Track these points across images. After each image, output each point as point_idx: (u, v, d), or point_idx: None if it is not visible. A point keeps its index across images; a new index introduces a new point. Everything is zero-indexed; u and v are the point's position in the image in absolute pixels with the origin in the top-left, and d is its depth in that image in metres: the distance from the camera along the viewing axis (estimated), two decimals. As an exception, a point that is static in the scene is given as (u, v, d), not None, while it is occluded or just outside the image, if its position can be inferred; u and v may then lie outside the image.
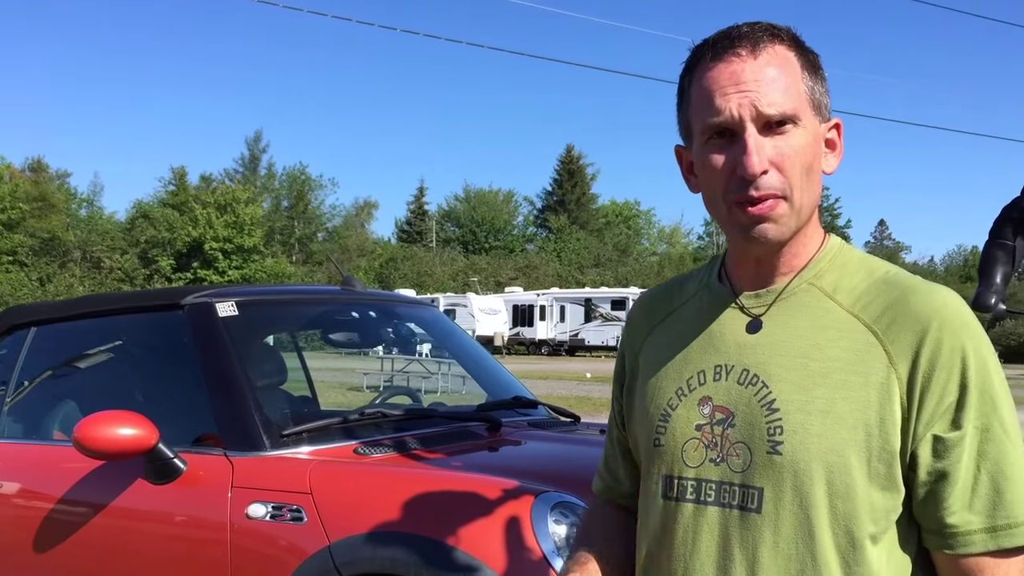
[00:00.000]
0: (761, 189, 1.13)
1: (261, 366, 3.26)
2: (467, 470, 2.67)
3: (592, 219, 73.80)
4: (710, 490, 1.18)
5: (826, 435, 1.11)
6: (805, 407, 1.13)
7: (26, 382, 3.55)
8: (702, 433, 1.20)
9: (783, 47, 1.17)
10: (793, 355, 1.17)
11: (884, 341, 1.13)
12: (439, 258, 63.10)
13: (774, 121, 1.14)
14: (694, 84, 1.19)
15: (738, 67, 1.15)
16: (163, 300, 3.36)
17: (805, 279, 1.21)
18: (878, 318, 1.15)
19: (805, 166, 1.16)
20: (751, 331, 1.21)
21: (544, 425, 3.45)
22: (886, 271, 1.21)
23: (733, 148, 1.15)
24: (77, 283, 51.34)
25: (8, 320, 3.69)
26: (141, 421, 2.71)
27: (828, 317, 1.18)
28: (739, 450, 1.16)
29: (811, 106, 1.18)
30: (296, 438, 2.81)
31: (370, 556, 2.36)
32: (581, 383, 21.54)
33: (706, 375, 1.22)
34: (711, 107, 1.15)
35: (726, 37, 1.18)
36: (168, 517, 2.80)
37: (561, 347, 42.70)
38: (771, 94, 1.14)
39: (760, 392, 1.16)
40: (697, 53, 1.20)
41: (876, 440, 1.11)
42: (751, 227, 1.16)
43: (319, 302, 3.84)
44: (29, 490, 3.20)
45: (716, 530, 1.17)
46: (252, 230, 56.28)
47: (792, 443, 1.12)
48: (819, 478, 1.11)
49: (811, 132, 1.17)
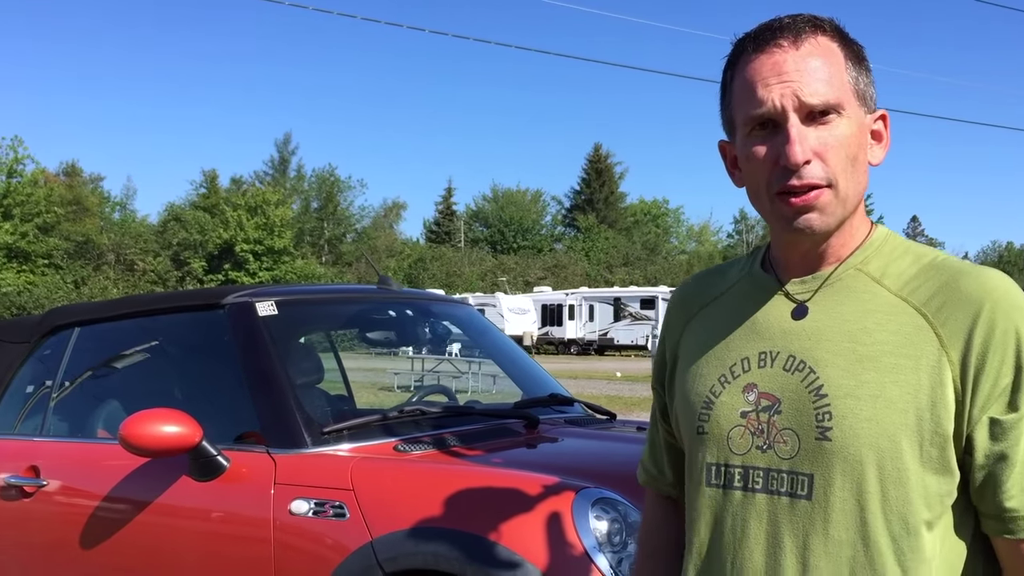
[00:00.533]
0: (804, 178, 1.13)
1: (300, 364, 3.29)
2: (507, 466, 2.69)
3: (620, 218, 73.61)
4: (758, 477, 1.18)
5: (876, 420, 1.10)
6: (854, 392, 1.12)
7: (70, 381, 3.61)
8: (747, 420, 1.19)
9: (826, 38, 1.17)
10: (840, 340, 1.16)
11: (935, 324, 1.12)
12: (467, 258, 63.23)
13: (817, 111, 1.13)
14: (736, 77, 1.19)
15: (780, 58, 1.14)
16: (204, 300, 3.40)
17: (851, 265, 1.20)
18: (928, 301, 1.14)
19: (850, 156, 1.15)
20: (797, 317, 1.20)
21: (581, 422, 3.46)
22: (934, 256, 1.20)
23: (776, 139, 1.14)
24: (111, 285, 52.03)
25: (52, 321, 3.75)
26: (185, 419, 2.74)
27: (876, 301, 1.17)
28: (787, 436, 1.16)
29: (855, 96, 1.17)
30: (337, 435, 2.83)
31: (412, 551, 2.37)
32: (611, 382, 21.49)
33: (750, 362, 1.21)
34: (753, 98, 1.15)
35: (768, 29, 1.17)
36: (212, 514, 2.83)
37: (590, 346, 42.62)
38: (814, 83, 1.13)
39: (808, 378, 1.15)
40: (739, 46, 1.20)
41: (928, 424, 1.10)
42: (795, 218, 1.15)
43: (356, 301, 3.87)
44: (74, 487, 3.25)
45: (765, 517, 1.17)
46: (282, 232, 56.75)
47: (842, 428, 1.11)
48: (870, 463, 1.10)
49: (856, 122, 1.16)
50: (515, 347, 4.14)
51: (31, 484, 3.26)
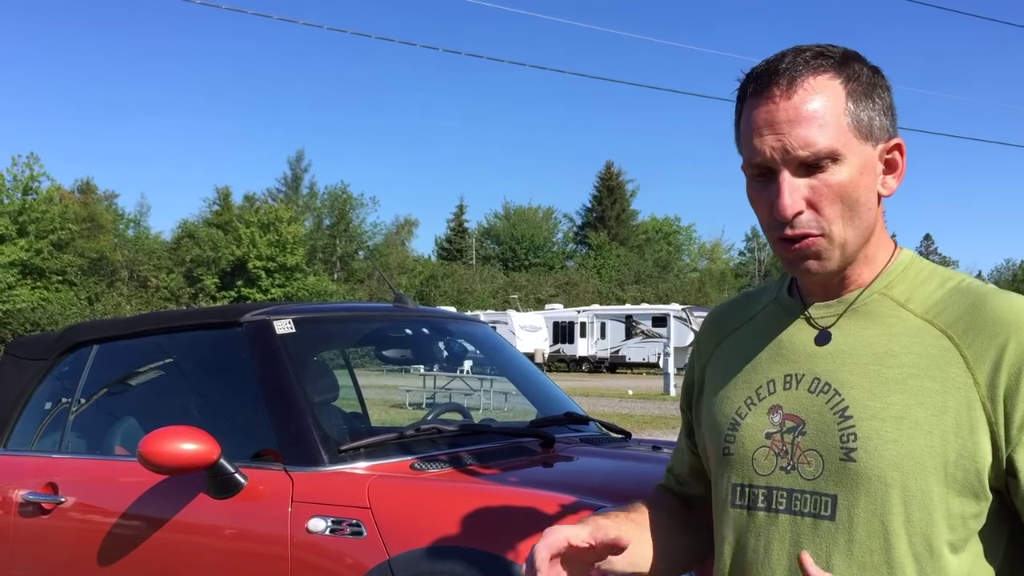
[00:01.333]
0: (796, 228, 1.15)
1: (317, 382, 3.30)
2: (524, 485, 2.68)
3: (632, 235, 73.65)
4: (781, 498, 1.19)
5: (901, 441, 1.11)
6: (879, 414, 1.13)
7: (88, 398, 3.63)
8: (772, 441, 1.20)
9: (825, 76, 1.15)
10: (865, 362, 1.16)
11: (960, 345, 1.13)
12: (479, 275, 63.33)
13: (809, 162, 1.14)
14: (742, 116, 1.21)
15: (772, 108, 1.15)
16: (222, 317, 3.42)
17: (876, 290, 1.21)
18: (953, 323, 1.14)
19: (847, 202, 1.15)
20: (820, 342, 1.21)
21: (596, 441, 3.45)
22: (960, 280, 1.20)
23: (771, 187, 1.17)
24: (124, 302, 52.26)
25: (71, 338, 3.78)
26: (203, 436, 2.76)
27: (901, 324, 1.17)
28: (811, 457, 1.16)
29: (857, 135, 1.15)
30: (354, 453, 2.84)
31: (430, 570, 2.37)
32: (623, 400, 21.43)
33: (776, 384, 1.23)
34: (750, 146, 1.17)
35: (765, 72, 1.18)
36: (229, 531, 2.84)
37: (602, 364, 42.54)
38: (805, 135, 1.13)
39: (832, 400, 1.16)
40: (745, 83, 1.21)
41: (953, 446, 1.10)
42: (795, 263, 1.18)
43: (373, 319, 3.88)
44: (92, 504, 3.26)
45: (788, 538, 1.17)
46: (295, 248, 56.98)
47: (867, 450, 1.12)
48: (894, 485, 1.10)
49: (855, 165, 1.15)
50: (530, 365, 4.14)
51: (49, 501, 3.28)
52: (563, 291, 59.58)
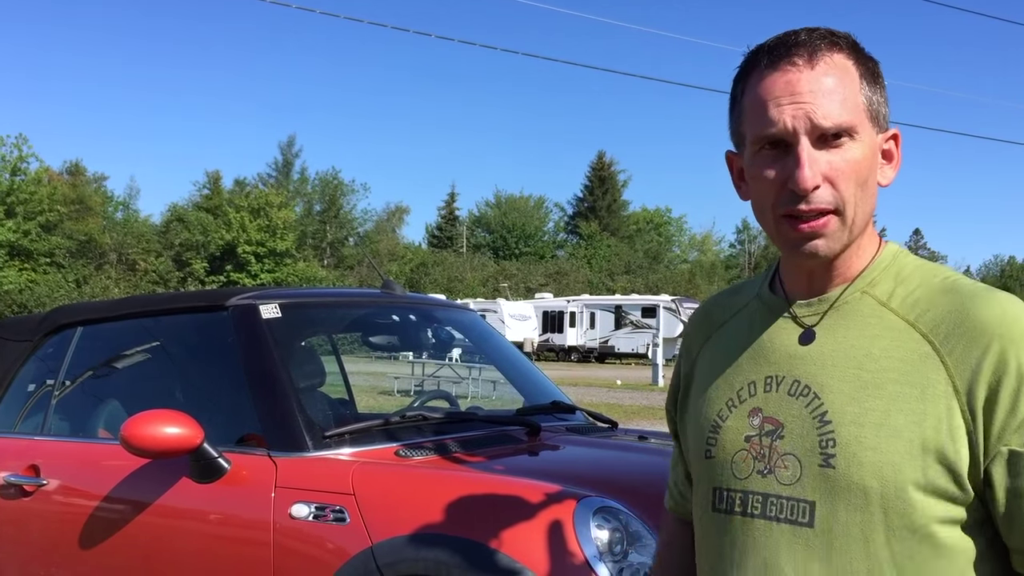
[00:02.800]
0: (813, 203, 1.11)
1: (303, 367, 3.28)
2: (509, 473, 2.68)
3: (623, 226, 73.66)
4: (756, 503, 1.16)
5: (880, 448, 1.08)
6: (859, 419, 1.09)
7: (72, 381, 3.61)
8: (751, 444, 1.17)
9: (841, 56, 1.13)
10: (846, 366, 1.13)
11: (942, 352, 1.09)
12: (469, 263, 63.29)
13: (830, 134, 1.11)
14: (748, 91, 1.16)
15: (794, 76, 1.11)
16: (207, 301, 3.40)
17: (858, 288, 1.18)
18: (935, 327, 1.11)
19: (860, 181, 1.12)
20: (803, 342, 1.18)
21: (582, 430, 3.45)
22: (944, 277, 1.16)
23: (786, 160, 1.12)
24: (112, 285, 52.06)
25: (55, 320, 3.75)
26: (187, 420, 2.74)
27: (882, 325, 1.14)
28: (788, 462, 1.13)
29: (869, 117, 1.14)
30: (338, 439, 2.83)
31: (413, 557, 2.37)
32: (611, 390, 21.47)
33: (756, 386, 1.20)
34: (764, 117, 1.12)
35: (783, 44, 1.14)
36: (211, 516, 2.83)
37: (591, 354, 42.62)
38: (828, 106, 1.10)
39: (812, 403, 1.13)
40: (752, 59, 1.17)
41: (932, 453, 1.07)
42: (801, 243, 1.13)
43: (360, 305, 3.87)
44: (74, 487, 3.24)
45: (763, 544, 1.14)
46: (284, 234, 56.79)
47: (845, 456, 1.09)
48: (874, 492, 1.07)
49: (868, 145, 1.13)
50: (518, 354, 4.13)
51: (31, 483, 3.26)
52: (553, 280, 59.60)
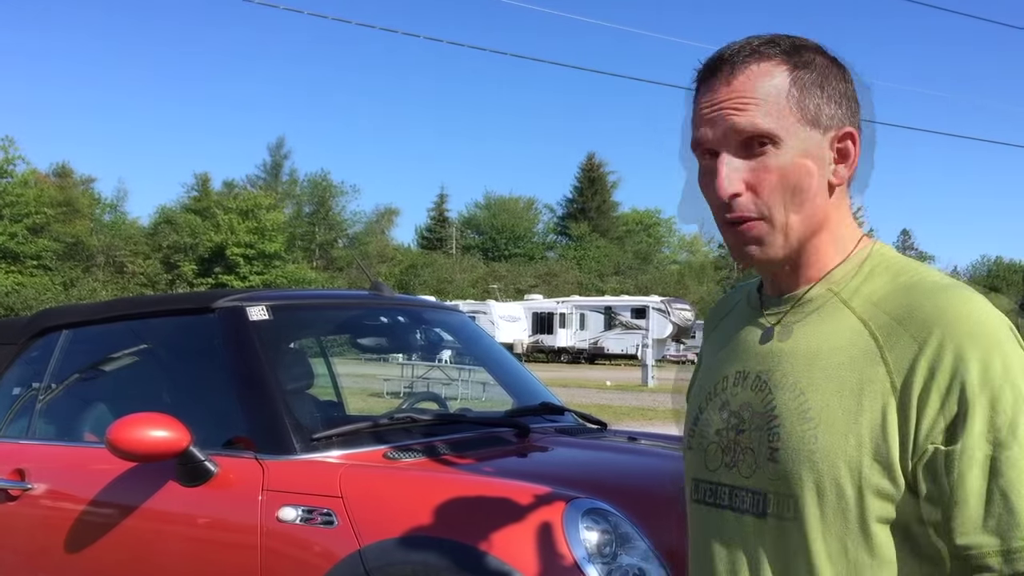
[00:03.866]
0: (735, 211, 1.15)
1: (291, 370, 3.27)
2: (498, 475, 2.67)
3: (613, 227, 73.70)
4: (723, 494, 1.20)
5: (817, 442, 1.10)
6: (801, 414, 1.12)
7: (58, 384, 3.58)
8: (720, 437, 1.22)
9: (769, 63, 1.15)
10: (797, 362, 1.16)
11: (884, 348, 1.10)
12: (459, 265, 63.24)
13: (753, 141, 1.13)
14: (690, 105, 1.22)
15: (712, 93, 1.16)
16: (195, 304, 3.38)
17: (824, 286, 1.19)
18: (884, 325, 1.11)
19: (787, 186, 1.13)
20: (764, 340, 1.22)
21: (572, 432, 3.44)
22: (912, 274, 1.16)
23: (713, 169, 1.17)
24: (101, 287, 51.84)
25: (41, 323, 3.73)
26: (173, 424, 2.72)
27: (839, 324, 1.15)
28: (747, 455, 1.18)
29: (801, 121, 1.14)
30: (326, 442, 2.82)
31: (401, 560, 2.36)
32: (602, 391, 21.49)
33: (728, 381, 1.24)
34: (696, 129, 1.19)
35: (713, 61, 1.19)
36: (199, 520, 2.81)
37: (581, 355, 42.63)
38: (741, 115, 1.13)
39: (766, 398, 1.17)
40: (696, 77, 1.22)
41: (868, 450, 1.08)
42: (737, 248, 1.18)
43: (349, 307, 3.85)
44: (60, 491, 3.22)
45: (728, 534, 1.19)
46: (274, 236, 56.62)
47: (786, 449, 1.12)
48: (809, 486, 1.10)
49: (798, 149, 1.14)
50: (507, 355, 4.12)
51: (16, 487, 3.23)
52: (543, 282, 59.60)
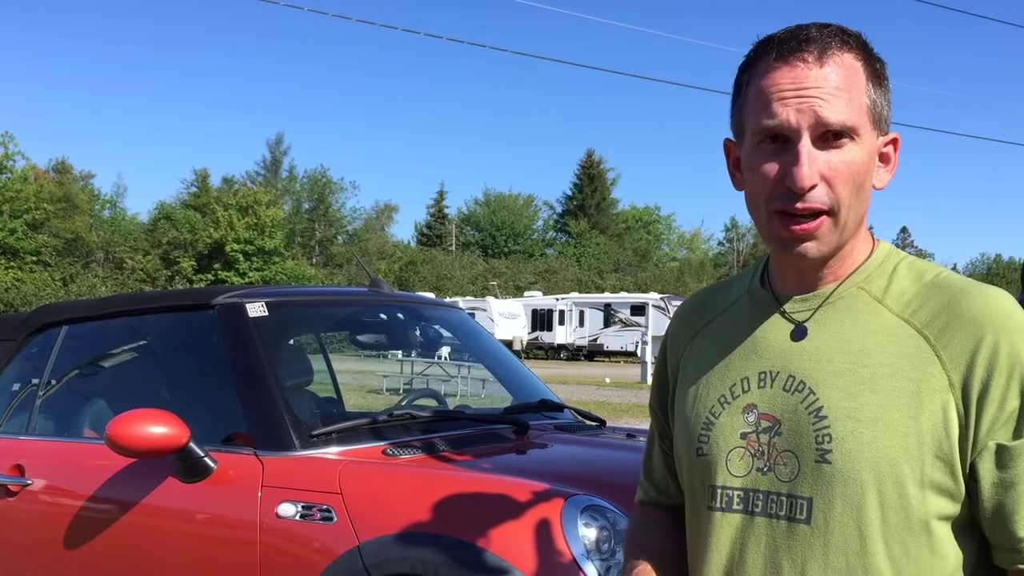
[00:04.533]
0: (808, 202, 1.10)
1: (290, 366, 3.27)
2: (496, 472, 2.67)
3: (612, 224, 73.70)
4: (758, 500, 1.15)
5: (876, 443, 1.07)
6: (854, 414, 1.09)
7: (57, 380, 3.58)
8: (747, 441, 1.17)
9: (851, 56, 1.12)
10: (841, 361, 1.13)
11: (936, 346, 1.09)
12: (459, 262, 63.20)
13: (831, 133, 1.10)
14: (753, 82, 1.14)
15: (802, 72, 1.10)
16: (194, 300, 3.38)
17: (853, 284, 1.18)
18: (929, 322, 1.11)
19: (857, 183, 1.12)
20: (796, 338, 1.17)
21: (570, 428, 3.45)
22: (936, 274, 1.17)
23: (785, 156, 1.11)
24: (100, 283, 51.76)
25: (40, 319, 3.73)
26: (172, 420, 2.72)
27: (877, 322, 1.14)
28: (786, 459, 1.13)
29: (871, 120, 1.13)
30: (325, 438, 2.82)
31: (400, 556, 2.36)
32: (600, 388, 21.49)
33: (750, 382, 1.19)
34: (768, 110, 1.11)
35: (794, 38, 1.12)
36: (198, 516, 2.81)
37: (580, 352, 42.64)
38: (833, 104, 1.09)
39: (807, 399, 1.13)
40: (760, 49, 1.15)
41: (929, 448, 1.07)
42: (792, 244, 1.13)
43: (348, 303, 3.85)
44: (59, 487, 3.22)
45: (763, 542, 1.14)
46: (273, 232, 56.55)
47: (842, 451, 1.09)
48: (870, 487, 1.07)
49: (868, 147, 1.12)
50: (506, 352, 4.12)
51: (15, 483, 3.23)
52: (542, 279, 59.59)
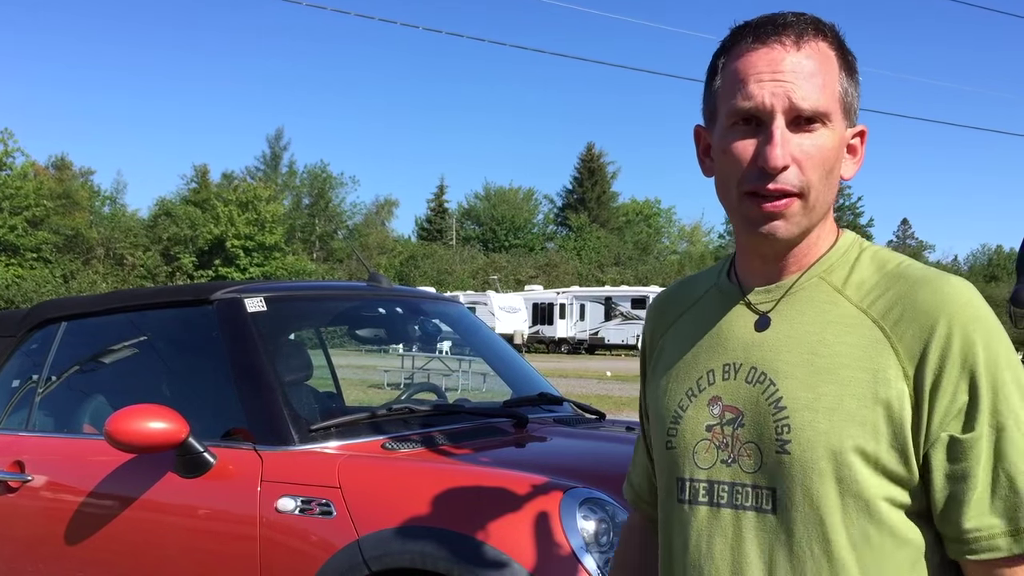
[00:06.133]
0: (779, 183, 1.11)
1: (289, 361, 3.27)
2: (495, 466, 2.68)
3: (612, 217, 73.68)
4: (723, 492, 1.16)
5: (833, 432, 1.08)
6: (812, 404, 1.10)
7: (56, 376, 3.59)
8: (712, 434, 1.18)
9: (825, 44, 1.14)
10: (800, 351, 1.14)
11: (892, 337, 1.10)
12: (459, 256, 63.19)
13: (804, 117, 1.11)
14: (728, 64, 1.16)
15: (779, 55, 1.12)
16: (192, 295, 3.38)
17: (815, 274, 1.18)
18: (886, 313, 1.12)
19: (827, 168, 1.13)
20: (759, 328, 1.18)
21: (569, 422, 3.45)
22: (897, 263, 1.17)
23: (758, 137, 1.12)
24: (100, 280, 51.74)
25: (39, 315, 3.73)
26: (172, 415, 2.73)
27: (836, 312, 1.15)
28: (749, 450, 1.14)
29: (842, 108, 1.15)
30: (324, 433, 2.82)
31: (399, 550, 2.36)
32: (601, 381, 21.51)
33: (715, 374, 1.20)
34: (743, 91, 1.12)
35: (771, 23, 1.14)
36: (197, 511, 2.82)
37: (581, 345, 42.68)
38: (808, 89, 1.11)
39: (768, 390, 1.14)
40: (737, 34, 1.17)
41: (884, 437, 1.08)
42: (761, 222, 1.13)
43: (346, 298, 3.86)
44: (59, 483, 3.23)
45: (730, 533, 1.15)
46: (273, 227, 56.54)
47: (800, 441, 1.10)
48: (828, 477, 1.08)
49: (838, 135, 1.14)
50: (505, 345, 4.13)
51: (16, 479, 3.24)
52: (543, 272, 59.57)
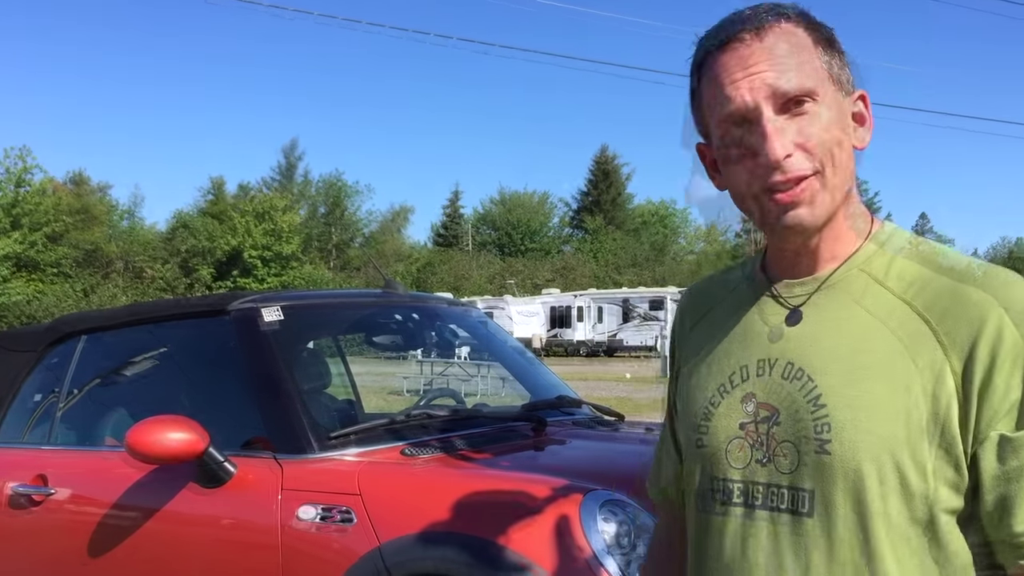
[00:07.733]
0: (788, 172, 1.06)
1: (307, 370, 3.29)
2: (515, 470, 2.68)
3: (628, 219, 73.52)
4: (758, 493, 1.10)
5: (877, 431, 1.03)
6: (853, 402, 1.04)
7: (77, 390, 3.61)
8: (746, 432, 1.12)
9: (790, 24, 1.10)
10: (840, 346, 1.08)
11: (938, 331, 1.04)
12: (475, 261, 63.29)
13: (791, 98, 1.06)
14: (703, 78, 1.12)
15: (744, 51, 1.08)
16: (210, 307, 3.40)
17: (854, 265, 1.13)
18: (931, 305, 1.06)
19: (833, 141, 1.07)
20: (791, 323, 1.13)
21: (588, 424, 3.44)
22: (941, 254, 1.12)
23: (753, 136, 1.07)
24: (120, 293, 52.11)
25: (60, 329, 3.76)
26: (191, 426, 2.74)
27: (878, 304, 1.09)
28: (786, 449, 1.08)
29: (831, 80, 1.09)
30: (343, 440, 2.83)
31: (421, 556, 2.36)
32: (621, 384, 21.45)
33: (749, 370, 1.14)
34: (722, 97, 1.09)
35: (728, 23, 1.11)
36: (219, 521, 2.83)
37: (599, 348, 42.56)
38: (782, 70, 1.06)
39: (805, 387, 1.08)
40: (701, 46, 1.14)
41: (932, 436, 1.02)
42: (783, 215, 1.08)
43: (362, 306, 3.86)
44: (82, 496, 3.25)
45: (765, 535, 1.09)
46: (290, 237, 56.83)
47: (841, 441, 1.03)
48: (871, 478, 1.03)
49: (835, 106, 1.09)
50: (521, 349, 4.13)
51: (39, 493, 3.26)
52: (560, 276, 59.56)
